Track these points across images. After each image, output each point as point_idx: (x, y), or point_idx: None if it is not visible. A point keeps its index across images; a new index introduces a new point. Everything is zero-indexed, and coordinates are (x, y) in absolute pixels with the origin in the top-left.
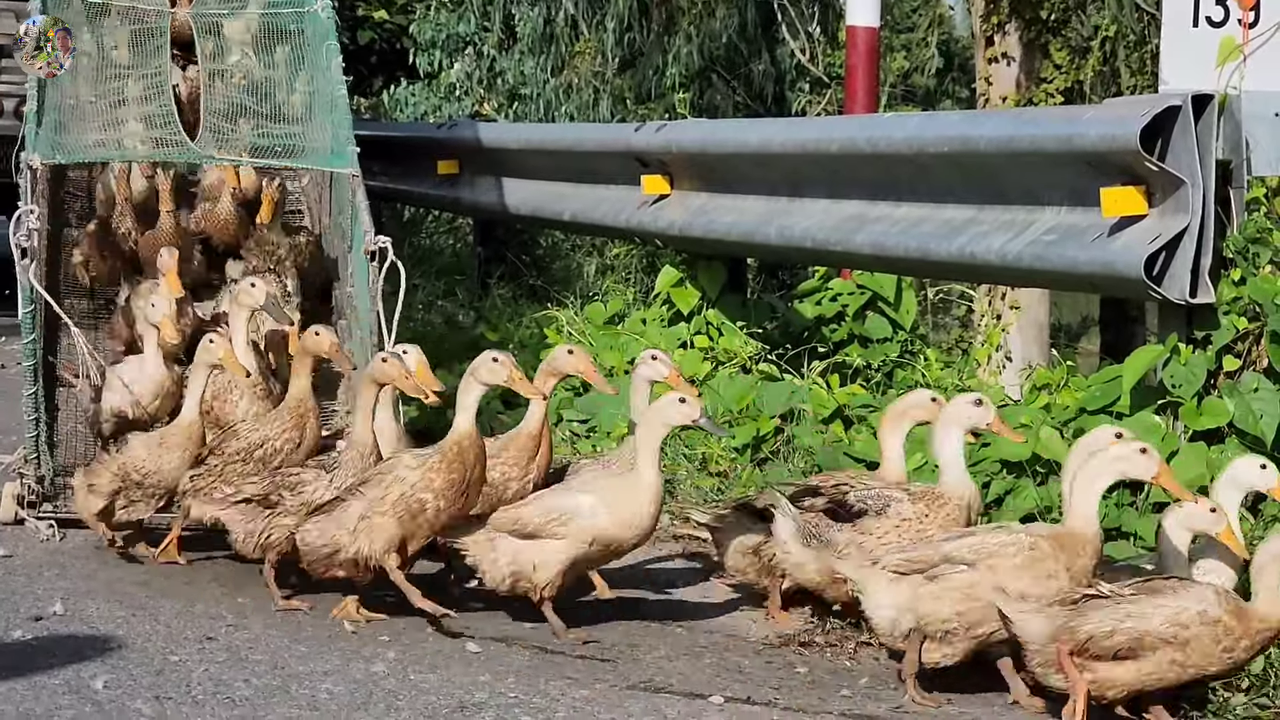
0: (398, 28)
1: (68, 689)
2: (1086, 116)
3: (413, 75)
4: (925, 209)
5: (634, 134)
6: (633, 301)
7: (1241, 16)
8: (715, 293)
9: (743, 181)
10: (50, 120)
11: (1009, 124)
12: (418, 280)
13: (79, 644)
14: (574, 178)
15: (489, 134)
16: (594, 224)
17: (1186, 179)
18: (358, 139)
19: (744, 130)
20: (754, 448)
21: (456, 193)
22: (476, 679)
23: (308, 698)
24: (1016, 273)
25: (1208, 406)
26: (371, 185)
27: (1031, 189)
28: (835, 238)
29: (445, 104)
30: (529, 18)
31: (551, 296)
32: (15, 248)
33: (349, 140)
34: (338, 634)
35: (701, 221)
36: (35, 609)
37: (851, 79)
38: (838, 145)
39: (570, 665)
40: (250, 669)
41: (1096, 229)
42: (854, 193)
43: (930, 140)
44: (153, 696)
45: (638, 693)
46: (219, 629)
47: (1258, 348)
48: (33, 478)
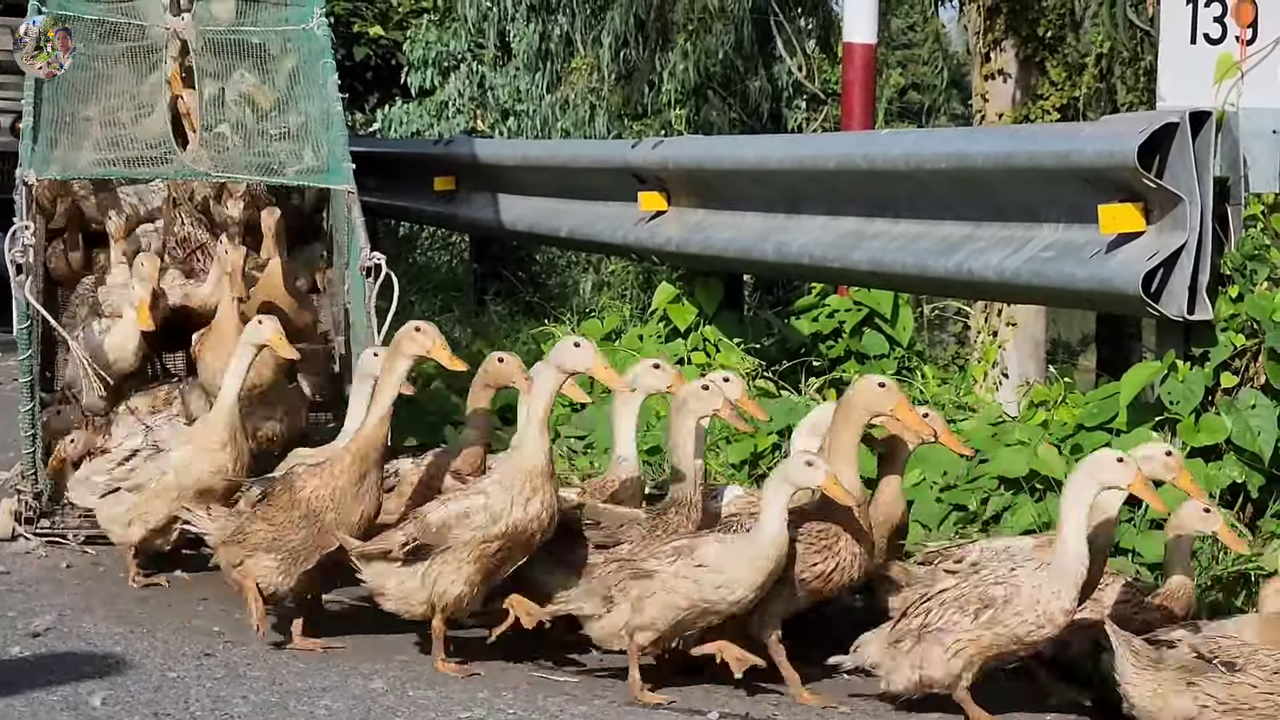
0: (393, 44)
1: (65, 706)
2: (1084, 133)
3: (407, 93)
4: (923, 225)
5: (631, 150)
6: (629, 318)
7: (1239, 33)
8: (712, 309)
9: (740, 198)
10: (46, 137)
11: (1006, 140)
12: (413, 297)
13: (77, 660)
14: (571, 194)
15: (485, 150)
16: (591, 240)
17: (1184, 196)
18: (353, 155)
19: (741, 147)
20: (751, 464)
21: (453, 209)
22: (475, 695)
23: (306, 714)
24: (1014, 289)
25: (1205, 423)
26: (367, 201)
27: (1029, 205)
28: (832, 254)
29: (438, 122)
30: (524, 34)
31: (548, 313)
32: (11, 264)
33: (345, 156)
34: (336, 651)
35: (698, 238)
36: (33, 625)
37: (848, 95)
38: (835, 162)
39: (568, 682)
40: (248, 685)
41: (1094, 245)
42: (851, 209)
43: (927, 157)
44: (151, 713)
45: (635, 709)
46: (217, 645)
47: (1255, 364)
48: (30, 494)
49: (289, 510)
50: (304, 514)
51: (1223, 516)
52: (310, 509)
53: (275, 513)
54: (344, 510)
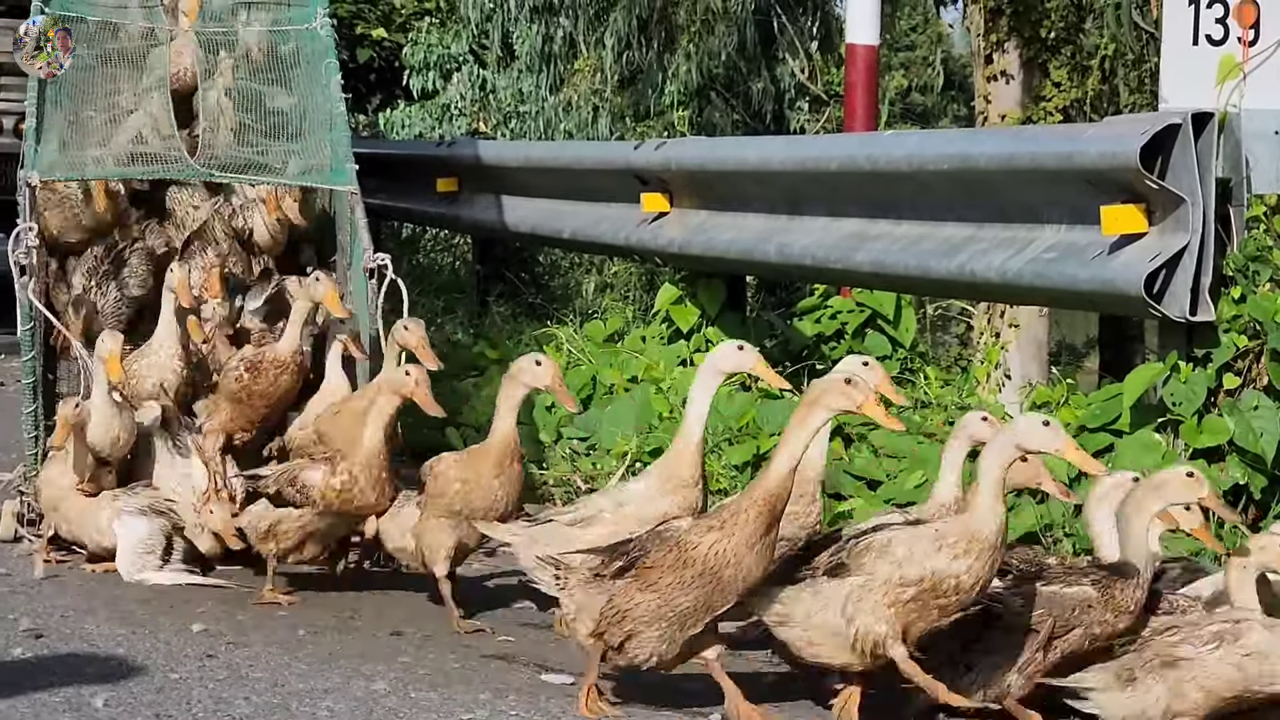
0: (396, 46)
1: (68, 707)
2: (1086, 134)
3: (410, 95)
4: (925, 227)
5: (633, 152)
6: (632, 319)
7: (1241, 34)
8: (715, 310)
9: (742, 199)
10: (49, 137)
11: (1009, 142)
12: (416, 298)
13: (79, 662)
14: (573, 195)
15: (488, 152)
16: (593, 242)
17: (1186, 197)
18: (356, 156)
19: (743, 148)
20: (754, 465)
21: (455, 210)
22: (477, 697)
23: (308, 716)
24: (1017, 290)
25: (1208, 424)
26: (370, 203)
27: (1031, 207)
28: (835, 255)
29: (440, 124)
30: (527, 36)
31: (551, 314)
32: (14, 265)
33: (348, 157)
34: (339, 652)
35: (701, 239)
36: (35, 626)
37: (851, 97)
38: (837, 163)
39: (571, 684)
40: (250, 687)
41: (1097, 247)
42: (853, 210)
43: (930, 158)
44: (153, 714)
45: (637, 711)
46: (219, 647)
47: (1258, 365)
48: (33, 495)
49: (679, 570)
50: (699, 573)
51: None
52: (707, 567)
53: (660, 573)
54: (745, 568)
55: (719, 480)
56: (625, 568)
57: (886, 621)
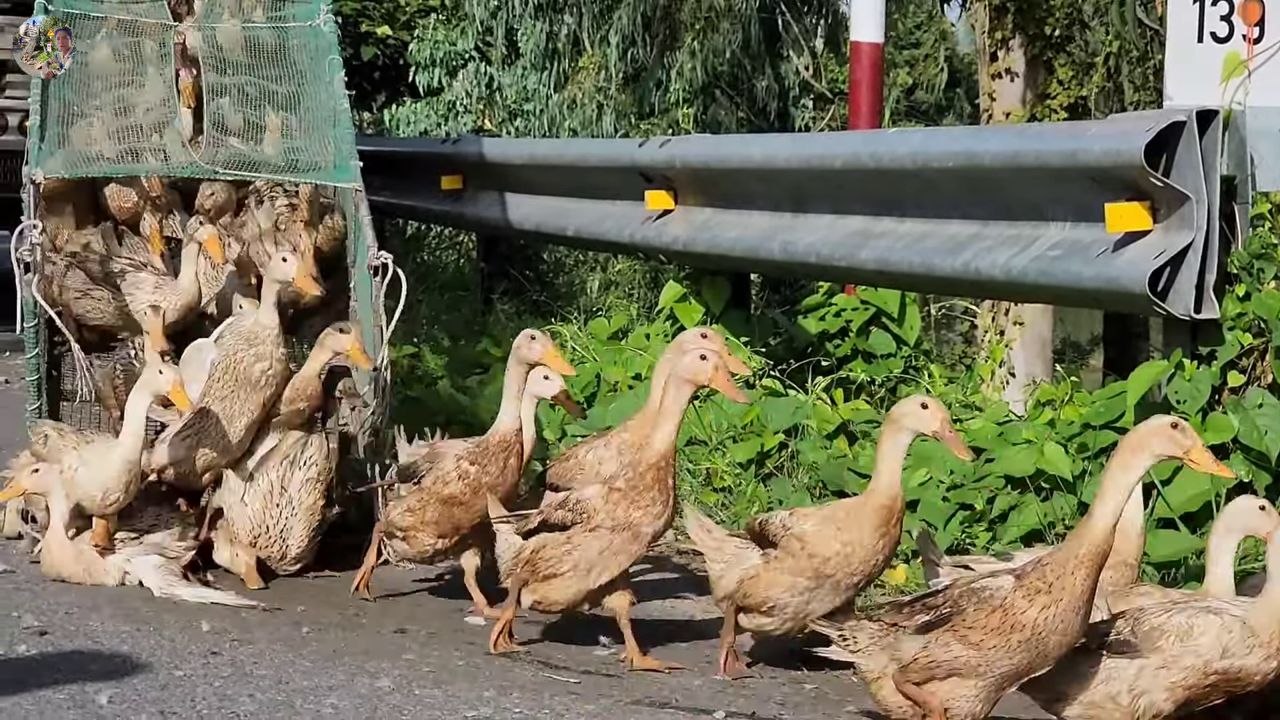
0: (400, 44)
1: (72, 704)
2: (1091, 132)
3: (415, 92)
4: (929, 224)
5: (638, 149)
6: (636, 317)
7: (1246, 32)
8: (719, 308)
9: (746, 197)
10: (53, 134)
11: (1013, 139)
12: (420, 295)
13: (83, 658)
14: (578, 193)
15: (493, 149)
16: (598, 239)
17: (1191, 195)
18: (360, 154)
19: (748, 145)
20: (758, 463)
21: (460, 208)
22: (481, 694)
23: (312, 713)
24: (1021, 288)
25: (1212, 422)
26: (374, 200)
27: (1036, 204)
28: (839, 253)
29: (445, 121)
30: (532, 33)
31: (555, 312)
32: (18, 262)
33: (352, 154)
34: (343, 649)
35: (705, 237)
36: (40, 623)
37: (855, 94)
38: (842, 161)
39: (575, 681)
40: (255, 684)
41: (1101, 244)
42: (858, 208)
43: (934, 155)
44: (157, 711)
45: (642, 708)
46: (223, 644)
47: (1262, 363)
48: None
49: (1005, 634)
50: (1027, 639)
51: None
52: (1035, 633)
53: (982, 635)
54: (1070, 630)
55: (723, 478)
56: (933, 623)
57: (1175, 702)
